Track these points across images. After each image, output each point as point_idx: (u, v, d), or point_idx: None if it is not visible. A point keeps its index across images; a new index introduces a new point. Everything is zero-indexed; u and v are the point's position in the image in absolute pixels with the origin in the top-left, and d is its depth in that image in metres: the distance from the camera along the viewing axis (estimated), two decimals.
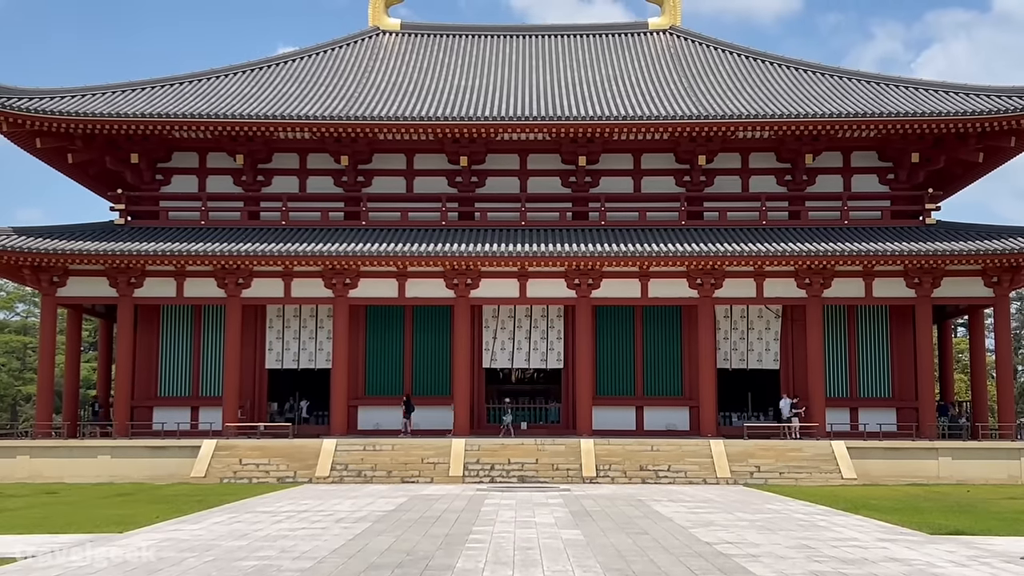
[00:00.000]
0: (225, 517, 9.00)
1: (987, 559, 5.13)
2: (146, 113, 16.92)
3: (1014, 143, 17.81)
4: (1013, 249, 16.92)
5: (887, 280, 18.02)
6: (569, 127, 17.68)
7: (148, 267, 17.33)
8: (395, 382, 19.14)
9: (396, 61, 21.62)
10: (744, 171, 19.88)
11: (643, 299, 18.19)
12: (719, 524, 8.46)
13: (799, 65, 21.41)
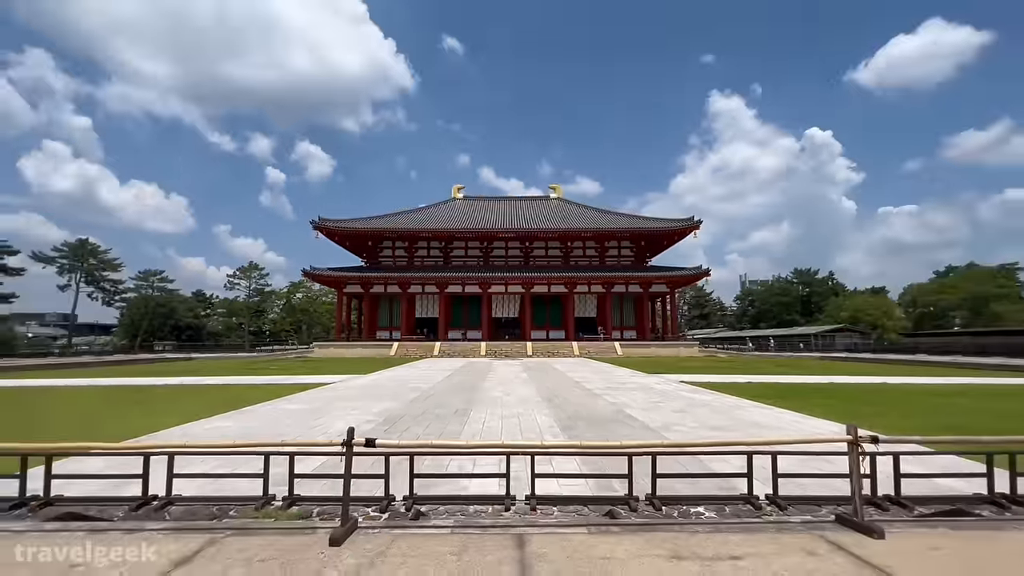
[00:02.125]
0: (401, 369, 23.53)
1: (667, 378, 17.69)
2: (369, 228, 49.88)
3: (676, 238, 51.32)
4: (671, 276, 50.18)
5: (635, 285, 51.11)
6: (524, 231, 50.69)
7: (374, 280, 50.12)
8: (461, 322, 52.12)
9: (462, 210, 55.41)
10: (584, 246, 53.34)
11: (548, 292, 51.21)
12: (576, 371, 21.76)
13: (608, 210, 55.24)
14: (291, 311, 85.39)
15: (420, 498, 4.31)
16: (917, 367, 29.66)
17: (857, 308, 73.88)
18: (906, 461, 5.24)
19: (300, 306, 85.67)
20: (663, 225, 50.66)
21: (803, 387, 15.84)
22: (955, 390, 15.16)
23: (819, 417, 9.53)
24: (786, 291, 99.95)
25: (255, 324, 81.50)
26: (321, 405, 11.24)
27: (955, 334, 57.47)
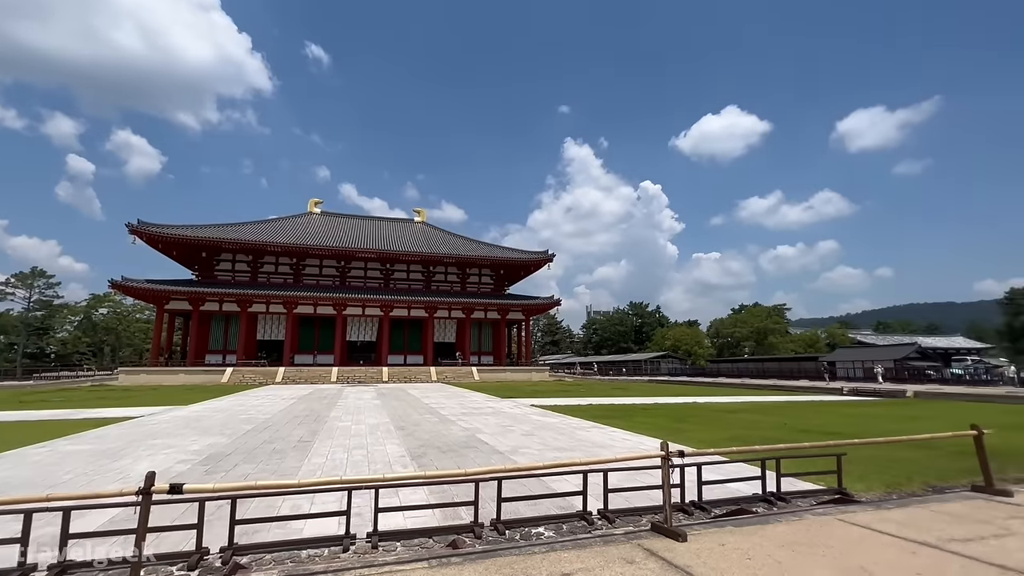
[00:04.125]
0: (234, 398, 21.34)
1: (519, 403, 18.89)
2: (202, 237, 43.96)
3: (532, 269, 54.65)
4: (527, 305, 53.04)
5: (493, 311, 52.78)
6: (386, 252, 49.19)
7: (207, 296, 43.76)
8: (310, 345, 47.97)
9: (319, 225, 51.72)
10: (447, 272, 53.86)
11: (408, 316, 50.13)
12: (431, 396, 21.99)
13: (471, 238, 56.89)
14: (91, 329, 70.03)
15: (242, 548, 3.79)
16: (718, 388, 35.33)
17: (676, 338, 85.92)
18: (707, 470, 6.17)
19: (104, 323, 70.80)
20: (521, 256, 53.43)
21: (633, 408, 17.75)
22: (742, 407, 18.39)
23: (644, 434, 10.74)
24: (623, 321, 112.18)
25: (35, 344, 65.06)
26: (121, 445, 9.29)
27: (744, 360, 70.04)
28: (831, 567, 3.12)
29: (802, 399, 23.75)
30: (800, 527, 4.02)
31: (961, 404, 21.23)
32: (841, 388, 31.28)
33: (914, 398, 24.56)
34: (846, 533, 3.86)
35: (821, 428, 12.53)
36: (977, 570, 3.11)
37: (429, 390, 28.55)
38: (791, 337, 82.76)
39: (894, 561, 3.23)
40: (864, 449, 8.04)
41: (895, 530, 3.92)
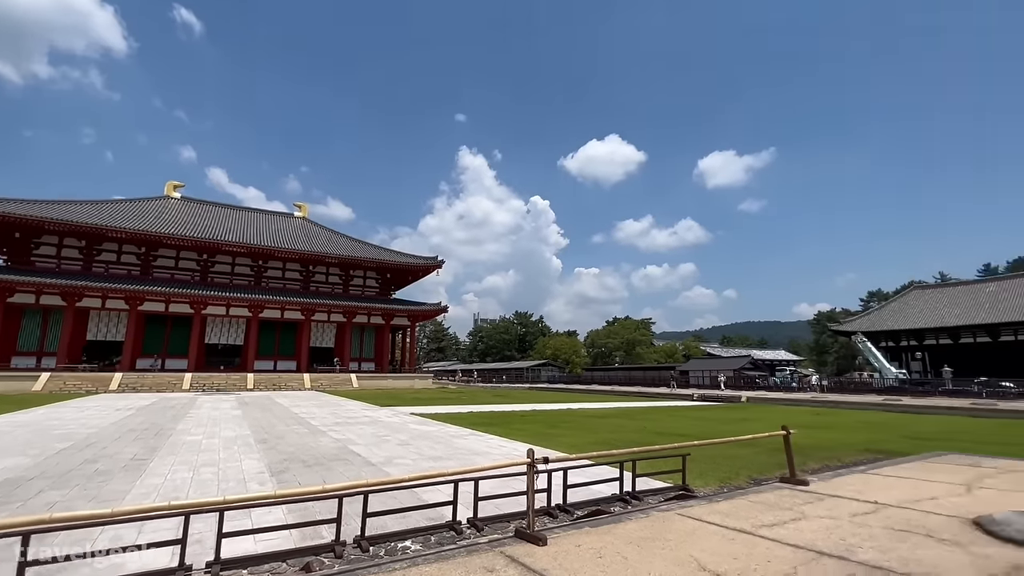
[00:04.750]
0: (48, 409, 16.93)
1: (399, 411, 18.11)
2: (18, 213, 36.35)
3: (421, 274, 53.90)
4: (413, 310, 52.02)
5: (376, 316, 50.84)
6: (259, 247, 44.80)
7: (17, 286, 35.96)
8: (158, 348, 41.74)
9: (178, 212, 45.40)
10: (328, 272, 50.83)
11: (281, 318, 46.15)
12: (302, 405, 20.22)
13: (357, 238, 54.52)
14: None
15: None
16: (591, 395, 37.76)
17: (557, 347, 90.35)
18: (574, 474, 6.55)
19: None
20: (410, 261, 52.25)
21: (512, 415, 18.23)
22: (610, 413, 19.87)
23: (520, 441, 11.08)
24: (508, 330, 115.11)
25: None
26: None
27: (615, 368, 75.95)
28: (667, 559, 3.49)
29: (661, 404, 26.35)
30: (647, 523, 4.43)
31: (781, 407, 25.20)
32: (692, 394, 35.33)
33: (747, 402, 28.60)
34: (683, 526, 4.34)
35: (674, 431, 13.99)
36: (777, 550, 3.70)
37: (301, 399, 26.49)
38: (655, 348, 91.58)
39: (716, 548, 3.71)
40: (705, 449, 9.15)
41: (720, 520, 4.51)
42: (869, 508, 5.00)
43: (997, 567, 3.39)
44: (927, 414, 21.88)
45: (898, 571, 3.31)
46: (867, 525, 4.39)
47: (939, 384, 35.75)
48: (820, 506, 5.09)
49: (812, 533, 4.14)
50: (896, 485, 6.17)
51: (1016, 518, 4.32)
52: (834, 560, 3.50)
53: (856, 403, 26.46)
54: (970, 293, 47.77)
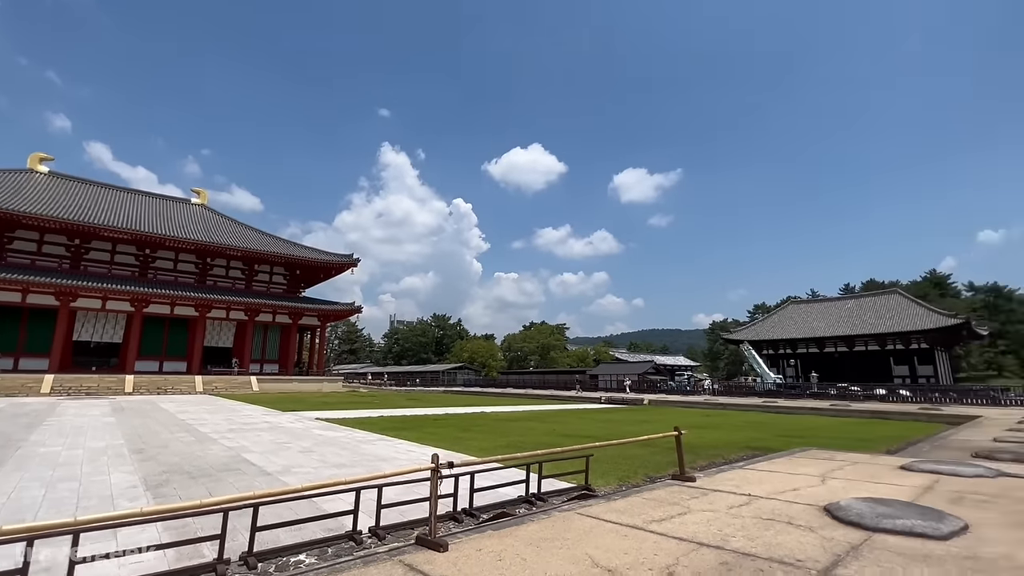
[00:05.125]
0: None
1: (303, 416, 16.90)
2: None
3: (334, 272, 51.49)
4: (324, 309, 49.45)
5: (283, 315, 47.68)
6: (147, 235, 40.09)
7: None
8: (11, 346, 35.77)
9: (43, 188, 39.33)
10: (228, 266, 46.88)
11: (171, 314, 41.69)
12: (191, 411, 18.09)
13: (264, 231, 50.98)
14: None
15: None
16: (505, 398, 38.24)
17: (474, 350, 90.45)
18: (482, 477, 6.59)
19: None
20: (323, 257, 49.64)
21: (425, 419, 17.94)
22: (523, 416, 20.26)
23: (431, 445, 10.92)
24: (425, 332, 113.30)
25: None
26: None
27: (530, 372, 77.59)
28: (564, 557, 3.62)
29: (571, 407, 27.32)
30: (547, 524, 4.57)
31: (678, 409, 27.20)
32: (600, 397, 37.03)
33: (649, 405, 30.54)
34: (581, 525, 4.53)
35: (581, 433, 14.56)
36: (664, 543, 3.99)
37: (190, 403, 24.07)
38: (568, 353, 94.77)
39: (610, 545, 3.92)
40: (608, 449, 9.62)
41: (615, 518, 4.77)
42: (744, 500, 5.55)
43: (839, 547, 3.92)
44: (797, 414, 24.75)
45: (762, 556, 3.71)
46: (741, 516, 4.87)
47: (807, 388, 40.63)
48: (703, 500, 5.56)
49: (695, 526, 4.51)
50: (767, 479, 6.90)
51: (855, 504, 5.03)
52: (711, 550, 3.84)
53: (741, 405, 29.26)
54: (833, 308, 54.92)
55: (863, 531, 4.36)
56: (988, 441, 11.81)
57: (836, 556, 3.71)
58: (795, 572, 3.37)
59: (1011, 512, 5.04)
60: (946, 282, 79.42)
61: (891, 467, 7.73)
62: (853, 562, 3.58)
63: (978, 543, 4.03)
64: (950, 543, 4.02)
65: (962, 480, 6.65)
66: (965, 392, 34.10)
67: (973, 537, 4.20)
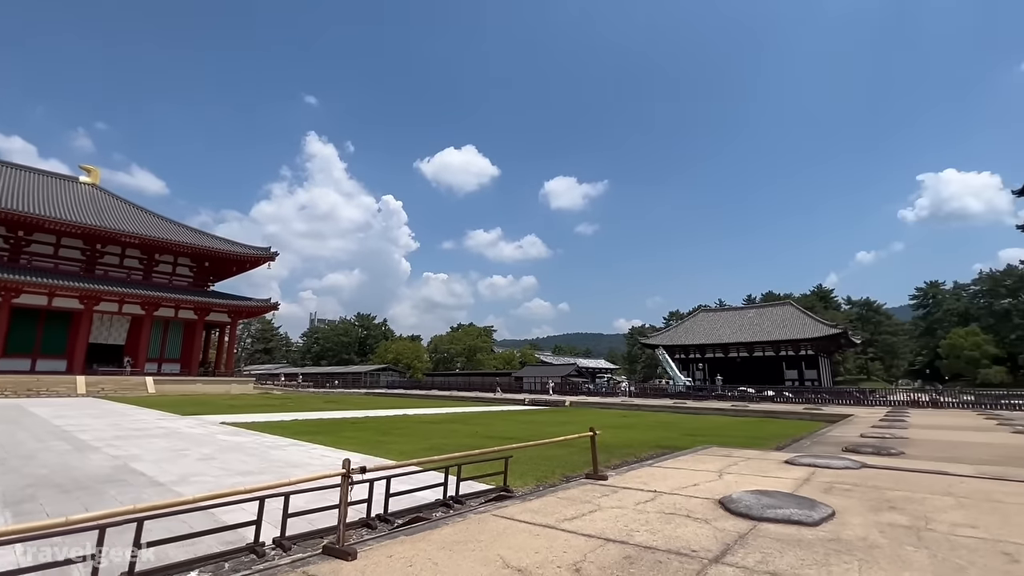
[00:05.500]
0: None
1: (206, 420, 15.16)
2: None
3: (249, 266, 48.20)
4: (235, 305, 46.05)
5: (187, 309, 43.76)
6: (20, 215, 34.99)
7: None
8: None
9: None
10: (124, 254, 42.32)
11: (47, 306, 36.72)
12: (70, 416, 16.01)
13: (168, 218, 46.68)
14: None
15: None
16: (429, 400, 37.74)
17: (399, 351, 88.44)
18: (400, 482, 6.45)
19: None
20: (236, 249, 46.18)
21: (343, 422, 17.24)
22: (446, 418, 20.10)
23: (348, 450, 10.53)
24: (348, 332, 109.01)
25: None
26: None
27: (456, 374, 77.16)
28: (476, 559, 3.65)
29: (495, 409, 27.51)
30: (462, 527, 4.57)
31: (597, 410, 28.31)
32: (524, 399, 37.64)
33: (570, 406, 31.50)
34: (496, 526, 4.59)
35: (503, 434, 14.72)
36: (573, 540, 4.14)
37: (70, 408, 21.36)
38: (495, 355, 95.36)
39: (522, 545, 4.00)
40: (529, 450, 9.81)
41: (529, 517, 4.88)
42: (649, 497, 5.90)
43: (729, 536, 4.29)
44: (703, 414, 26.68)
45: (662, 548, 3.96)
46: (646, 511, 5.17)
47: (713, 390, 43.95)
48: (613, 498, 5.84)
49: (603, 523, 4.72)
50: (672, 475, 7.38)
51: (745, 496, 5.53)
52: (616, 545, 4.04)
53: (654, 406, 31.04)
54: (737, 317, 59.88)
55: (750, 521, 4.80)
56: (856, 437, 13.46)
57: (726, 545, 4.05)
58: (689, 562, 3.64)
59: (869, 499, 5.78)
60: (830, 296, 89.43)
61: (778, 462, 8.57)
62: (740, 550, 3.93)
63: (841, 527, 4.58)
64: (819, 528, 4.54)
65: (833, 472, 7.53)
66: (841, 393, 38.59)
67: (837, 522, 4.77)
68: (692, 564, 3.59)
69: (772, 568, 3.50)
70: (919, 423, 18.92)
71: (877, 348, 79.24)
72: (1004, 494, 6.17)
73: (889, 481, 6.87)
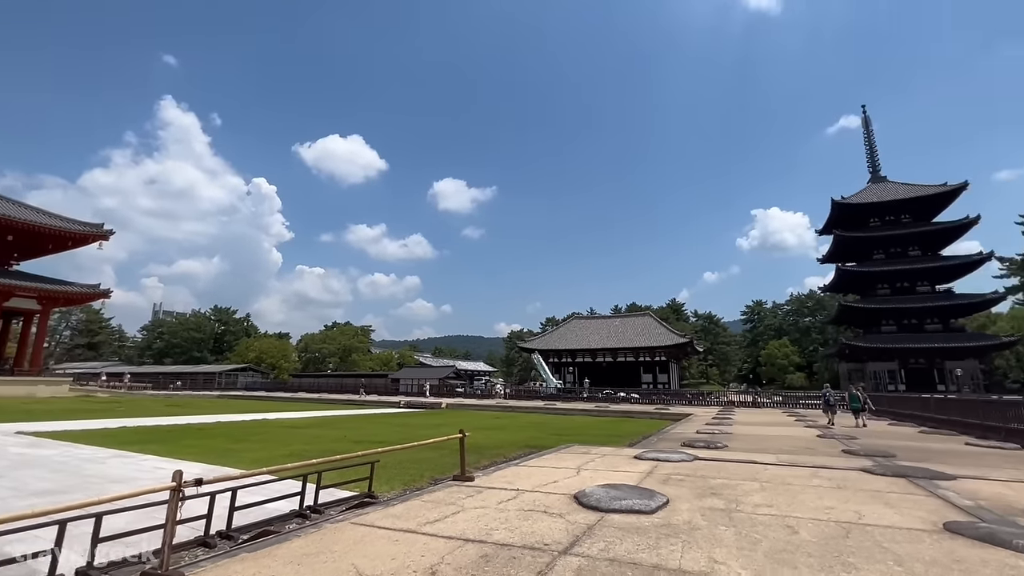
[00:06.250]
0: None
1: None
2: None
3: (71, 244, 40.45)
4: (47, 290, 38.24)
5: None
6: None
7: None
8: None
9: None
10: None
11: None
12: None
13: None
14: None
15: None
16: (295, 403, 35.02)
17: (263, 350, 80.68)
18: (248, 493, 5.88)
19: None
20: (53, 223, 38.30)
21: (187, 429, 15.24)
22: (312, 422, 18.82)
23: (190, 460, 9.34)
24: (201, 327, 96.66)
25: None
26: None
27: (327, 375, 72.59)
28: (327, 572, 3.47)
29: (368, 412, 26.43)
30: (315, 538, 4.32)
31: (473, 412, 28.67)
32: (399, 401, 36.73)
33: (446, 408, 31.47)
34: (353, 534, 4.41)
35: (374, 438, 14.21)
36: (433, 543, 4.15)
37: None
38: (372, 356, 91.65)
39: (379, 552, 3.91)
40: (399, 454, 9.59)
41: (391, 523, 4.78)
42: (512, 495, 6.14)
43: (579, 529, 4.64)
44: (570, 415, 28.46)
45: (518, 544, 4.15)
46: (507, 510, 5.37)
47: (581, 392, 47.12)
48: (477, 498, 5.97)
49: (465, 523, 4.80)
50: (536, 473, 7.76)
51: (597, 490, 6.02)
52: (475, 544, 4.14)
53: (527, 407, 32.35)
54: (605, 325, 65.01)
55: (599, 513, 5.24)
56: (693, 433, 15.41)
57: (575, 537, 4.37)
58: (541, 555, 3.86)
59: (696, 487, 6.66)
60: (681, 309, 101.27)
61: (628, 457, 9.47)
62: (587, 540, 4.27)
63: (672, 513, 5.21)
64: (654, 516, 5.12)
65: (672, 464, 8.54)
66: (685, 395, 43.94)
67: (670, 509, 5.42)
68: (543, 557, 3.82)
69: (612, 555, 3.86)
70: (741, 420, 22.29)
71: (715, 356, 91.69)
72: (794, 477, 7.54)
73: (714, 471, 7.99)
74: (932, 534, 4.53)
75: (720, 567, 3.60)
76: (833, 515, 5.21)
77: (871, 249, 57.96)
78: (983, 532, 4.47)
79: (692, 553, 3.92)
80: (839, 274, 59.09)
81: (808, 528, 4.71)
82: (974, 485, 7.05)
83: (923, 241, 55.85)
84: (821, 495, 6.25)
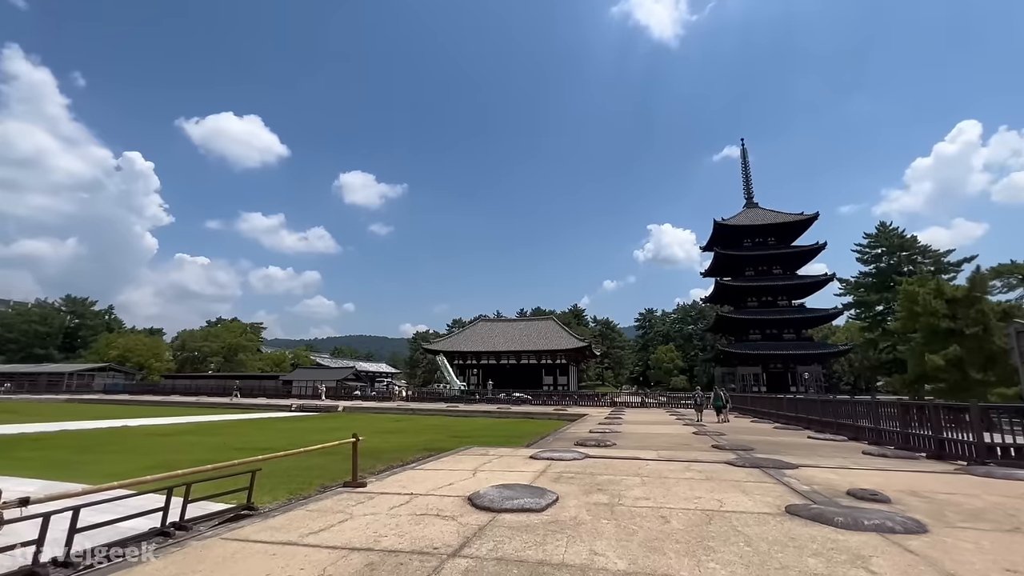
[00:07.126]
0: None
1: None
2: None
3: None
4: None
5: None
6: None
7: None
8: None
9: None
10: None
11: None
12: None
13: None
14: None
15: None
16: (165, 407, 31.27)
17: (129, 347, 71.14)
18: (95, 512, 5.13)
19: None
20: None
21: (20, 438, 12.96)
22: (185, 428, 16.93)
23: (21, 475, 7.96)
24: (48, 320, 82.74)
25: None
26: None
27: (207, 376, 65.72)
28: None
29: (254, 416, 24.35)
30: (177, 558, 3.90)
31: (372, 415, 27.66)
32: (291, 405, 34.34)
33: (343, 412, 30.02)
34: (223, 551, 4.05)
35: (259, 445, 13.13)
36: (315, 555, 3.93)
37: None
38: (262, 356, 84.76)
39: (251, 569, 3.62)
40: (285, 461, 8.96)
41: (269, 536, 4.45)
42: (405, 500, 6.02)
43: (470, 530, 4.67)
44: (472, 417, 28.58)
45: (406, 550, 4.08)
46: (398, 515, 5.25)
47: (484, 394, 47.52)
48: (368, 504, 5.77)
49: (352, 532, 4.62)
50: (432, 477, 7.68)
51: (490, 491, 6.12)
52: (361, 553, 3.99)
53: (429, 409, 31.90)
54: (511, 328, 66.30)
55: (491, 513, 5.32)
56: (587, 432, 16.24)
57: (466, 538, 4.40)
58: (429, 560, 3.83)
59: (584, 484, 7.03)
60: (582, 315, 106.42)
61: (524, 457, 9.73)
62: (477, 541, 4.31)
63: (560, 510, 5.45)
64: (543, 513, 5.32)
65: (564, 463, 8.92)
66: (582, 396, 46.17)
67: (559, 506, 5.66)
68: (431, 562, 3.79)
69: (500, 554, 3.94)
70: (630, 420, 23.92)
71: (611, 359, 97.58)
72: (671, 471, 8.25)
73: (601, 468, 8.49)
74: (776, 516, 5.22)
75: (599, 558, 3.83)
76: (700, 504, 5.79)
77: (744, 266, 65.40)
78: (814, 512, 5.25)
79: (575, 547, 4.13)
80: (717, 287, 65.89)
81: (679, 517, 5.19)
82: (811, 472, 8.24)
83: (784, 261, 64.22)
84: (692, 487, 6.91)
